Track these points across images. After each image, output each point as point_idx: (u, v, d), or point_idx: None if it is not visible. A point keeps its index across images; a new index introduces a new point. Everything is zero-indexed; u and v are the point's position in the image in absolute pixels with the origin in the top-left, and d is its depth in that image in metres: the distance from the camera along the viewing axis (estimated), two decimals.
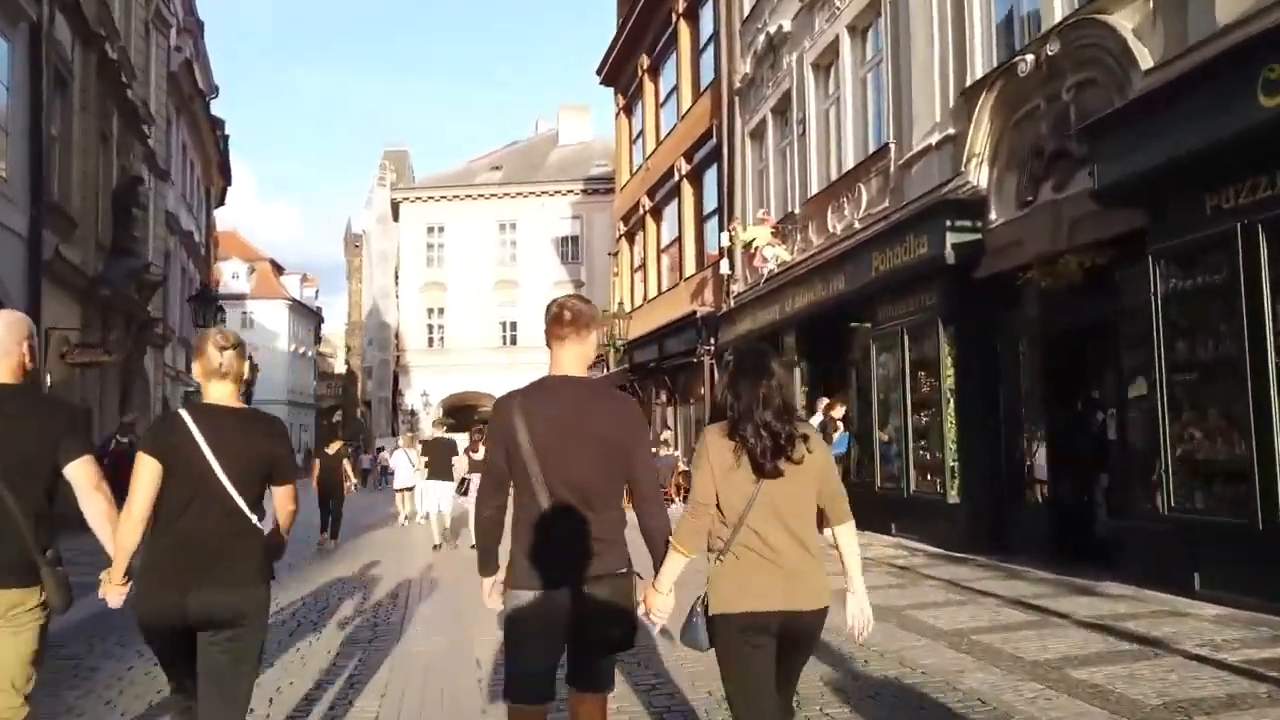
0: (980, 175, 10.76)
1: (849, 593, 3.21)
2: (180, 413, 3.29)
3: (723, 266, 19.49)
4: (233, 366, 3.29)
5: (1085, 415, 9.99)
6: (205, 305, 20.41)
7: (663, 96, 26.16)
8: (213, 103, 36.64)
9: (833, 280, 13.90)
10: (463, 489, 14.47)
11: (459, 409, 50.14)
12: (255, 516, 3.26)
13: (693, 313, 20.80)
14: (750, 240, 17.06)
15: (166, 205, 26.89)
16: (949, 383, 11.08)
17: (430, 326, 46.26)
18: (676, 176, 23.72)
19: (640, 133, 28.10)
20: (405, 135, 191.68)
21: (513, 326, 44.67)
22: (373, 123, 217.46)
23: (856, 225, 13.89)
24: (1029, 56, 9.60)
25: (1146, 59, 8.15)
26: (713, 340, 19.92)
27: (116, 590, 3.28)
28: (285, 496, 3.45)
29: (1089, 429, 9.87)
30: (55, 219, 15.76)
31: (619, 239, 30.13)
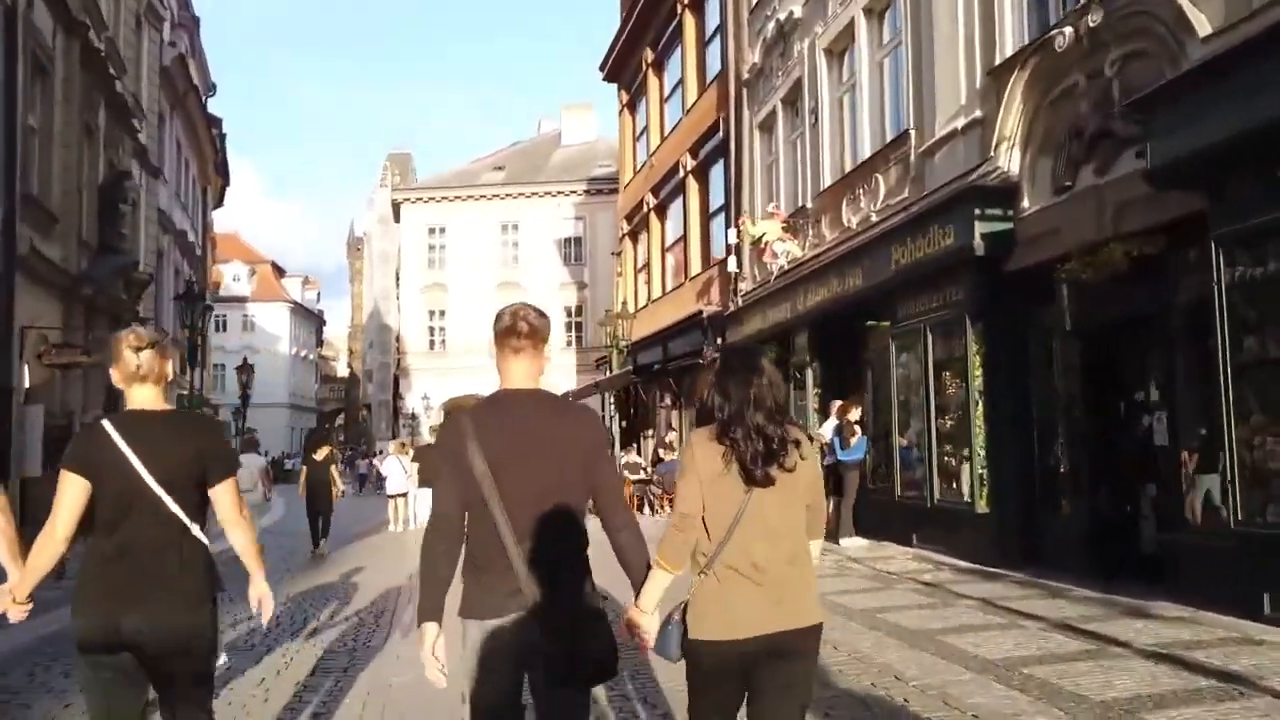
0: (1011, 160, 9.99)
1: None
2: (103, 423, 3.08)
3: (730, 264, 18.76)
4: (153, 368, 3.08)
5: (1129, 418, 9.21)
6: (192, 304, 19.66)
7: (667, 91, 25.45)
8: (212, 102, 36.08)
9: (849, 276, 13.14)
10: None
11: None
12: (195, 525, 3.09)
13: (698, 313, 20.05)
14: (760, 235, 16.29)
15: (159, 203, 26.19)
16: (977, 383, 10.31)
17: (431, 329, 45.71)
18: (681, 173, 23.00)
19: (644, 129, 27.38)
20: (410, 139, 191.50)
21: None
22: (378, 127, 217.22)
23: (873, 218, 13.13)
24: (1067, 29, 8.84)
25: (1204, 25, 7.39)
26: (719, 341, 19.15)
27: (17, 608, 3.12)
28: (227, 498, 3.17)
29: (1133, 433, 9.10)
30: (32, 212, 15.03)
31: (622, 238, 29.41)
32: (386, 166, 60.45)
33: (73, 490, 2.99)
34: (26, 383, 14.17)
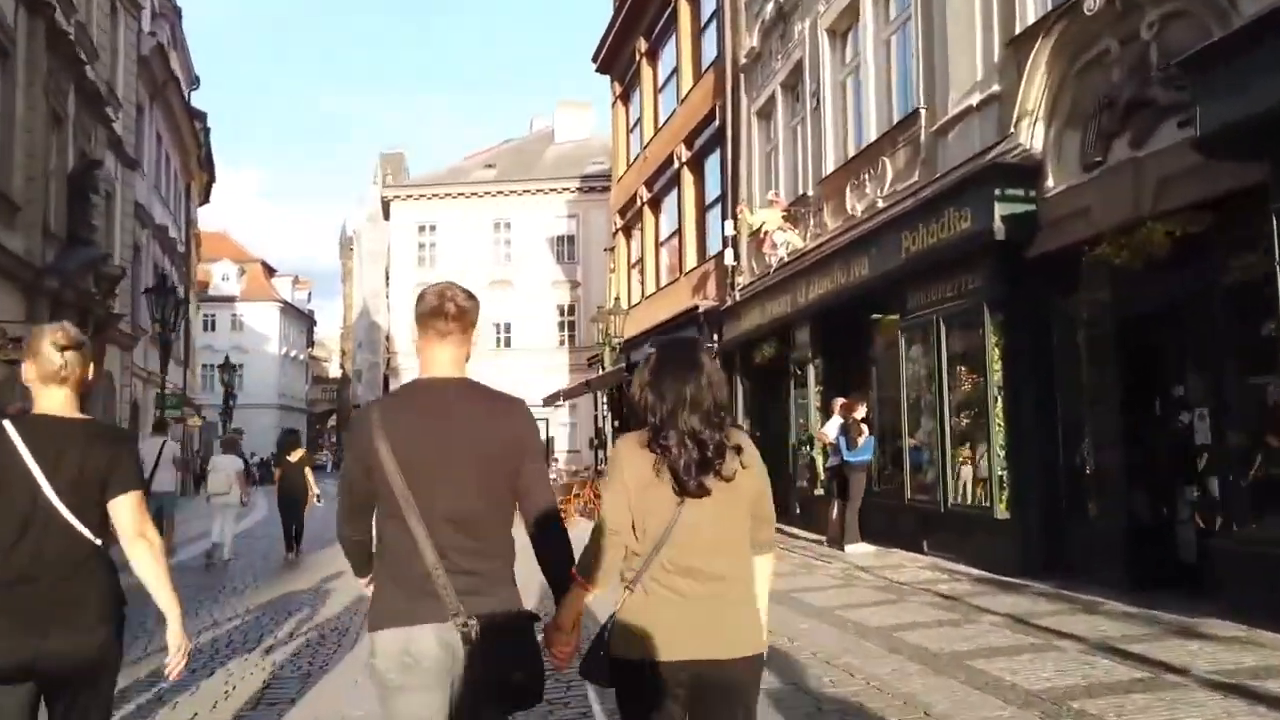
0: (1033, 136, 9.23)
1: None
2: (3, 425, 2.79)
3: (727, 257, 18.00)
4: (75, 370, 2.84)
5: (1165, 415, 8.44)
6: (164, 298, 18.81)
7: (661, 81, 24.67)
8: (205, 100, 35.27)
9: (854, 265, 12.37)
10: None
11: None
12: (101, 542, 2.83)
13: (694, 308, 19.27)
14: (759, 225, 15.51)
15: (136, 196, 25.37)
16: (996, 378, 9.54)
17: None
18: (676, 164, 22.22)
19: (638, 121, 26.59)
20: (404, 140, 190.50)
21: (506, 328, 43.62)
22: (374, 129, 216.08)
23: (880, 204, 12.37)
24: None
25: None
26: (716, 337, 18.39)
27: None
28: (127, 514, 2.84)
29: (1171, 431, 8.33)
30: None
31: (615, 233, 28.61)
32: (380, 166, 59.62)
33: None
34: None
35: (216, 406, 42.27)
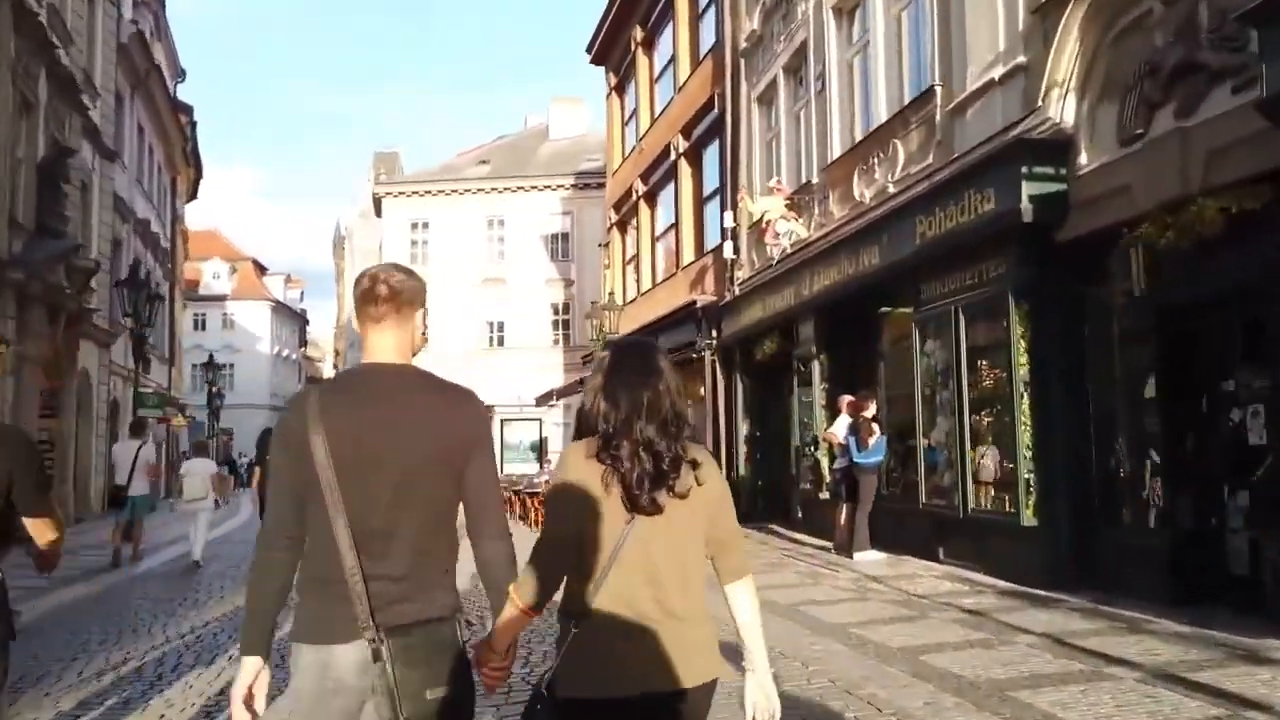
0: (1063, 109, 8.48)
1: (747, 671, 2.43)
2: None
3: (726, 250, 17.25)
4: None
5: (1214, 413, 7.69)
6: (136, 291, 18.00)
7: (658, 70, 23.92)
8: (196, 99, 34.41)
9: (863, 255, 11.61)
10: None
11: None
12: None
13: (691, 303, 18.52)
14: (761, 214, 14.74)
15: (115, 188, 24.53)
16: (1022, 373, 8.79)
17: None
18: (673, 155, 21.48)
19: (634, 113, 25.84)
20: (399, 139, 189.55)
21: (500, 327, 42.95)
22: (370, 129, 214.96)
23: (891, 189, 11.62)
24: None
25: None
26: (714, 333, 17.66)
27: None
28: (39, 532, 2.85)
29: (1219, 431, 7.58)
30: None
31: (610, 228, 27.85)
32: (374, 165, 58.80)
33: None
34: None
35: (205, 406, 41.49)
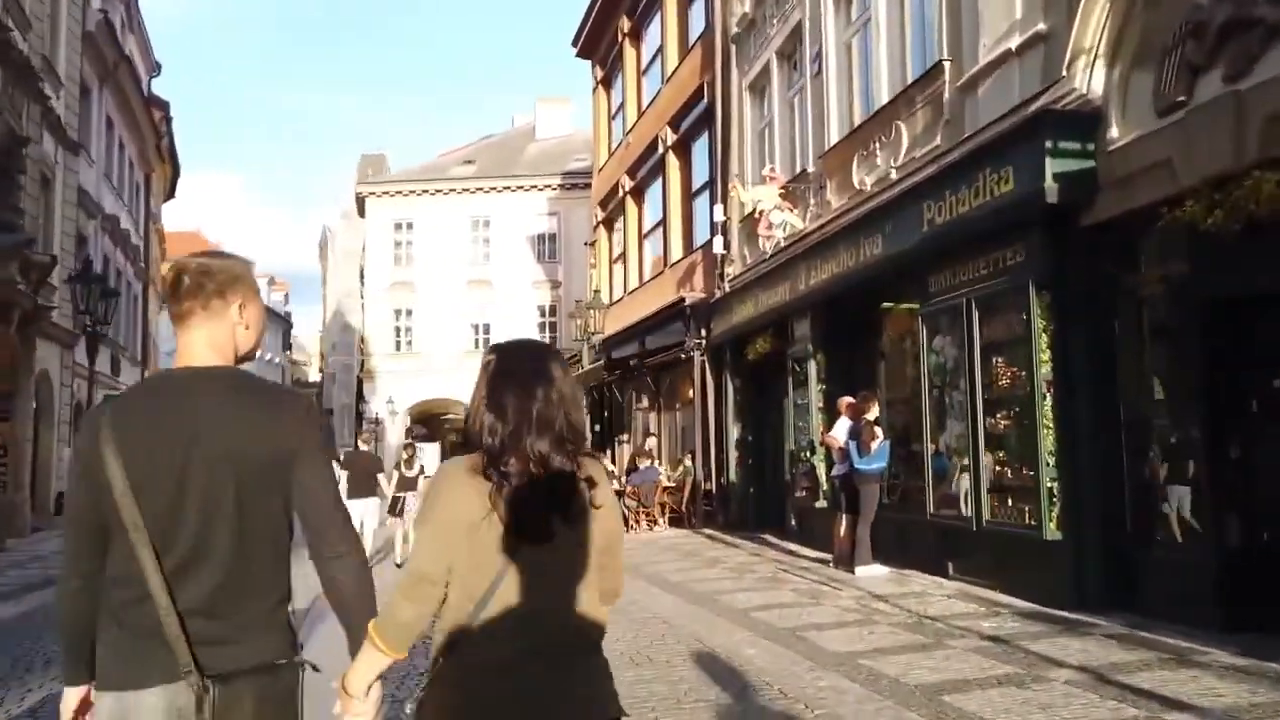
0: (1090, 79, 7.65)
1: None
2: None
3: (716, 245, 16.42)
4: None
5: (1264, 416, 6.86)
6: (89, 286, 17.05)
7: (645, 61, 23.10)
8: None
9: (864, 245, 10.78)
10: (396, 509, 12.82)
11: (428, 417, 46.99)
12: None
13: (679, 300, 17.66)
14: (753, 204, 13.90)
15: (81, 182, 23.56)
16: (1044, 371, 7.95)
17: (398, 329, 43.48)
18: (661, 149, 20.66)
19: (620, 106, 25.01)
20: (390, 142, 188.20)
21: (485, 329, 42.12)
22: (362, 133, 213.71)
23: (894, 175, 10.79)
24: None
25: None
26: (704, 332, 16.81)
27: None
28: None
29: (1269, 436, 6.76)
30: None
31: (596, 226, 27.00)
32: (361, 168, 57.85)
33: None
34: None
35: None
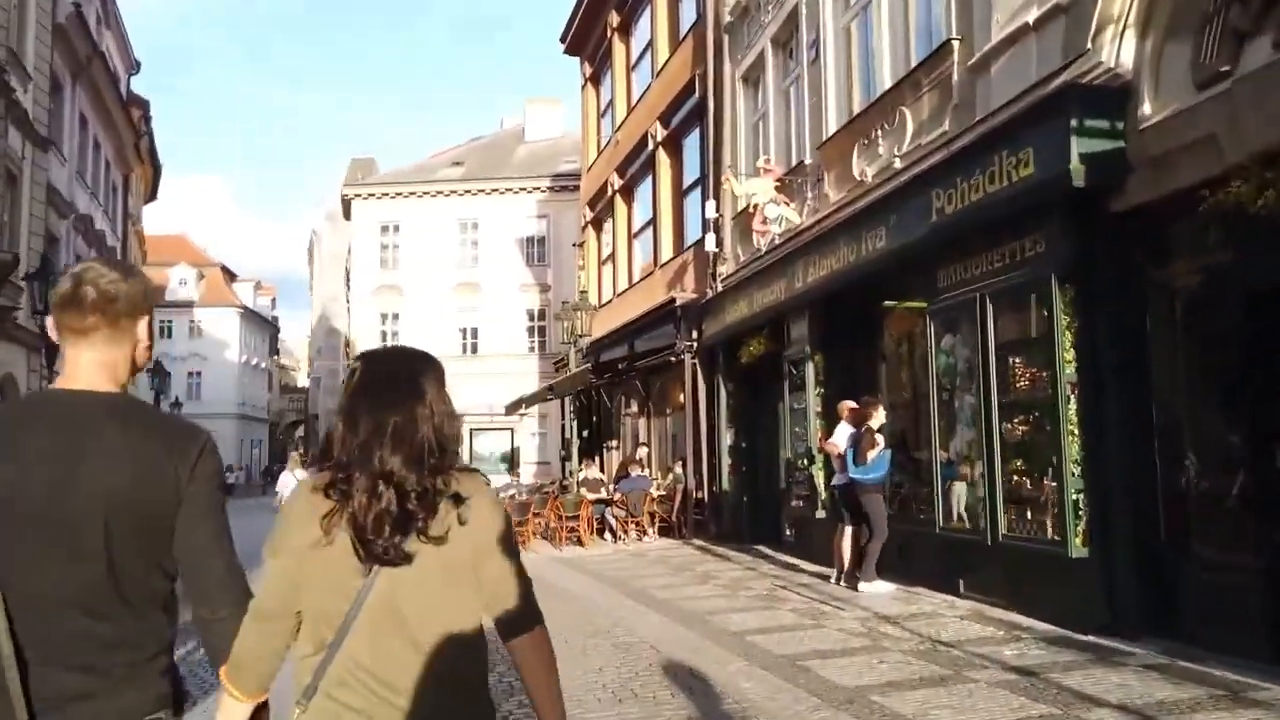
0: (1119, 51, 6.98)
1: None
2: None
3: (708, 243, 15.72)
4: None
5: None
6: (46, 284, 16.26)
7: (635, 56, 22.43)
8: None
9: (866, 239, 10.09)
10: None
11: None
12: None
13: (670, 301, 16.96)
14: (748, 197, 13.20)
15: (51, 180, 22.77)
16: (1068, 372, 7.26)
17: (384, 333, 42.57)
18: (650, 145, 19.98)
19: (610, 104, 24.33)
20: (382, 146, 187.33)
21: (473, 333, 41.50)
22: (347, 135, 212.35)
23: (898, 164, 10.12)
24: None
25: None
26: (695, 334, 16.11)
27: None
28: None
29: None
30: None
31: (585, 227, 26.32)
32: (350, 172, 57.13)
33: None
34: None
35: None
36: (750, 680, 6.17)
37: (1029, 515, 7.74)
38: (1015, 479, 7.90)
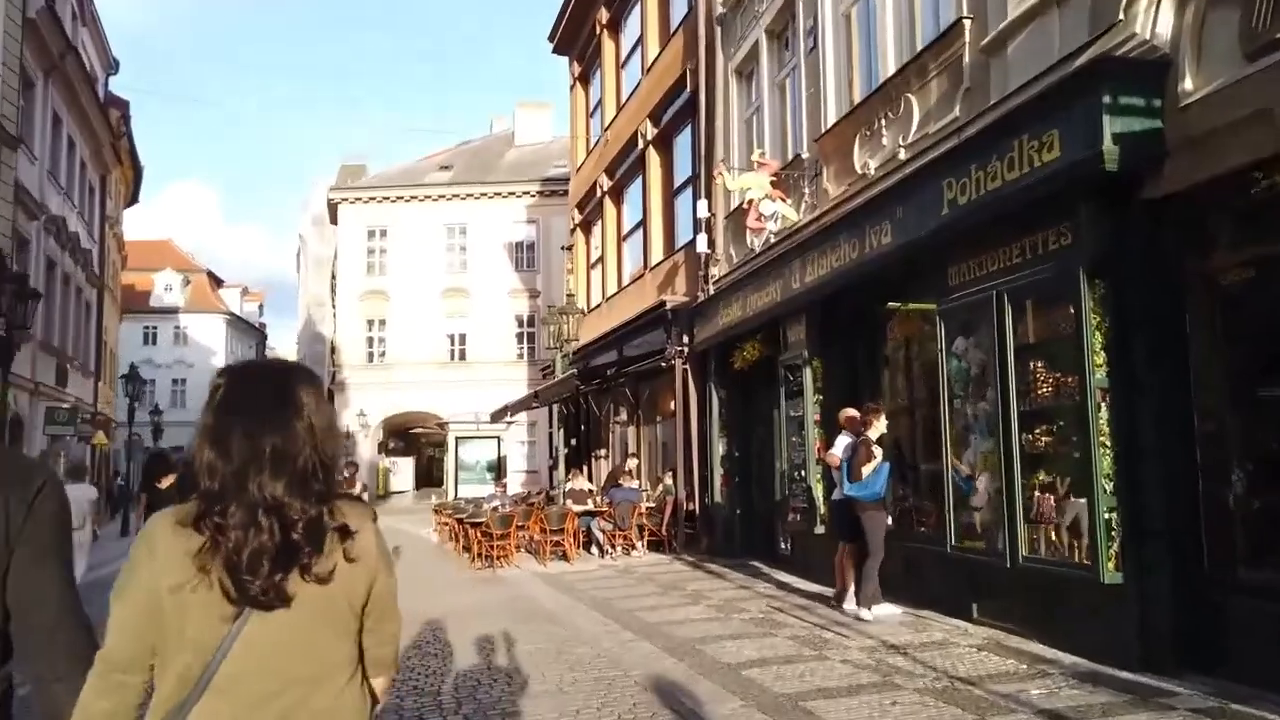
0: (1153, 21, 6.30)
1: None
2: None
3: (699, 243, 15.02)
4: None
5: None
6: (3, 285, 15.46)
7: (625, 53, 21.75)
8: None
9: (870, 235, 9.39)
10: None
11: (401, 430, 45.38)
12: None
13: (660, 304, 16.25)
14: (742, 193, 12.49)
15: (21, 179, 21.99)
16: (1098, 376, 6.55)
17: (370, 340, 41.94)
18: (640, 144, 19.31)
19: (599, 103, 23.65)
20: (369, 153, 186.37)
21: (461, 339, 40.86)
22: (340, 143, 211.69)
23: (903, 155, 9.44)
24: None
25: None
26: (686, 338, 15.40)
27: None
28: None
29: None
30: None
31: (573, 230, 25.61)
32: (340, 178, 56.34)
33: None
34: None
35: (146, 424, 38.72)
36: None
37: (1054, 536, 7.02)
38: (1037, 495, 7.19)
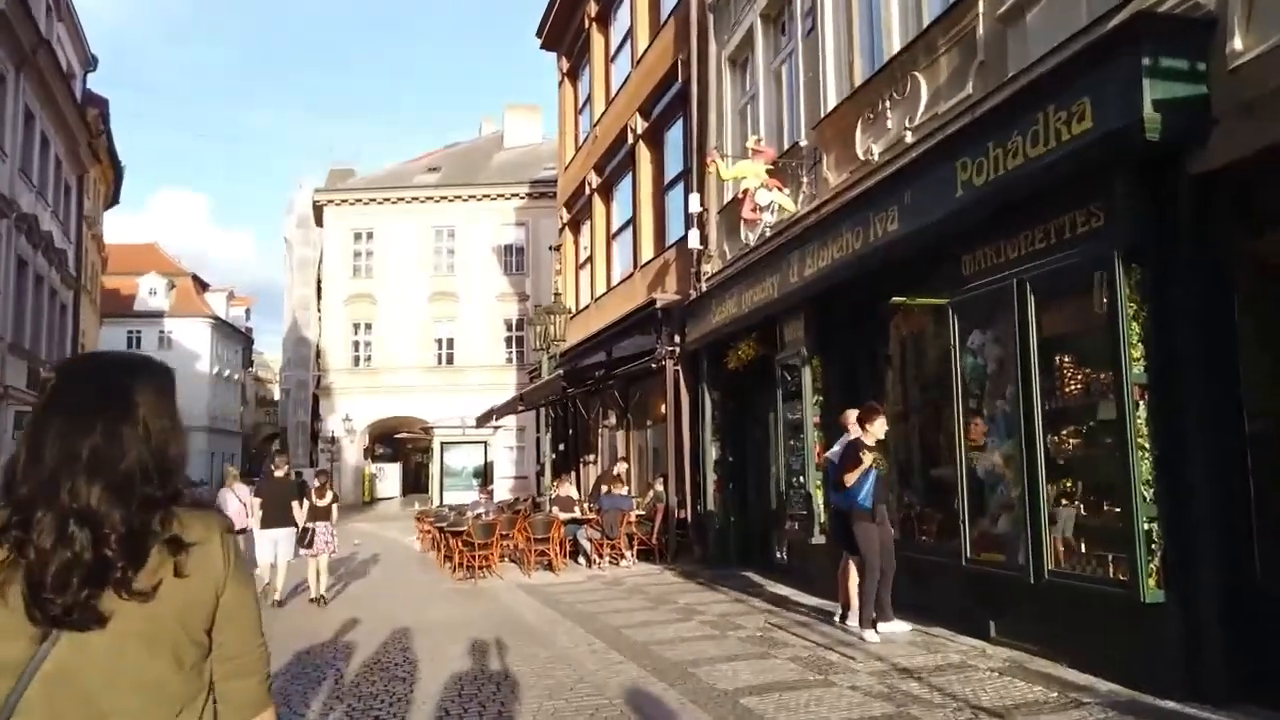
0: None
1: None
2: None
3: (691, 239, 14.39)
4: None
5: None
6: None
7: (614, 47, 21.13)
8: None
9: (875, 223, 8.74)
10: (305, 540, 11.72)
11: (387, 435, 44.61)
12: None
13: (650, 303, 15.58)
14: (737, 181, 11.84)
15: None
16: (1135, 372, 5.90)
17: (356, 344, 41.25)
18: (630, 139, 18.68)
19: (588, 99, 23.02)
20: (358, 157, 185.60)
21: (449, 344, 40.24)
22: (330, 148, 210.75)
23: (909, 138, 8.81)
24: None
25: None
26: (677, 338, 14.74)
27: None
28: None
29: None
30: None
31: (562, 229, 24.94)
32: (328, 182, 55.65)
33: None
34: None
35: None
36: None
37: (1086, 548, 6.36)
38: (1065, 503, 6.54)
